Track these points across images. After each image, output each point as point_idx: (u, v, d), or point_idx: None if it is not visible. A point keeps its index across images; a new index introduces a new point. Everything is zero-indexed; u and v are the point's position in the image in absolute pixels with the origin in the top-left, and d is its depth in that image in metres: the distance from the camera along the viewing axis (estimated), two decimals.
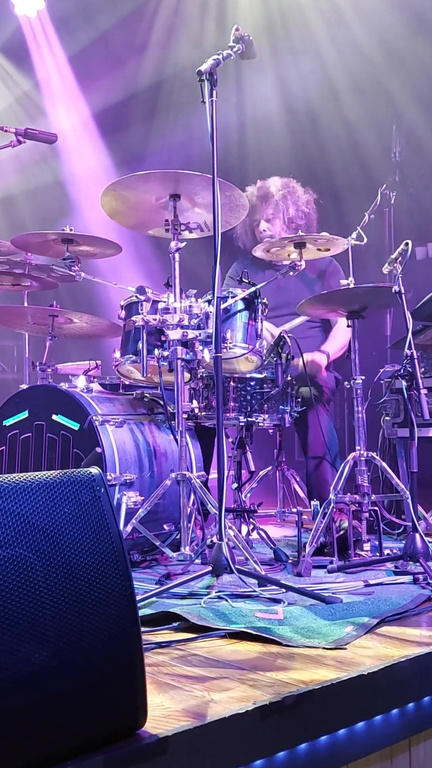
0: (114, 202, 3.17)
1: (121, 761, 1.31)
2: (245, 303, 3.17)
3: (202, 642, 2.03)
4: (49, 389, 3.47)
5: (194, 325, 3.03)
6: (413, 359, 2.84)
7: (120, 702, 1.35)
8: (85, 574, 1.35)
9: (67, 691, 1.28)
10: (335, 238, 3.22)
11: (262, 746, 1.49)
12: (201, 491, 2.92)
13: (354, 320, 3.30)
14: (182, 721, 1.42)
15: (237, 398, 3.30)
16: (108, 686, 1.34)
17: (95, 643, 1.34)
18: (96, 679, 1.33)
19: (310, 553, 2.96)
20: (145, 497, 3.10)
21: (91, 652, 1.33)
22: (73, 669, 1.30)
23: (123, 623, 1.37)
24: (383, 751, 1.72)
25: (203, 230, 3.27)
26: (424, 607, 2.34)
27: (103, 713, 1.33)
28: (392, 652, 1.87)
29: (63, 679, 1.28)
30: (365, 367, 3.36)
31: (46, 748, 1.25)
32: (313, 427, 3.72)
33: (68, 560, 1.34)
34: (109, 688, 1.34)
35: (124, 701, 1.36)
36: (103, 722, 1.33)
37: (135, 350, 3.15)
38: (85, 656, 1.32)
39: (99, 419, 3.16)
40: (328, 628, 2.09)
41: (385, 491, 3.50)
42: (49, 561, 1.32)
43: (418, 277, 3.81)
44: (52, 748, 1.26)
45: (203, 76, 2.63)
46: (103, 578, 1.37)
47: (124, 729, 1.36)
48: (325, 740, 1.58)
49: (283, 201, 4.22)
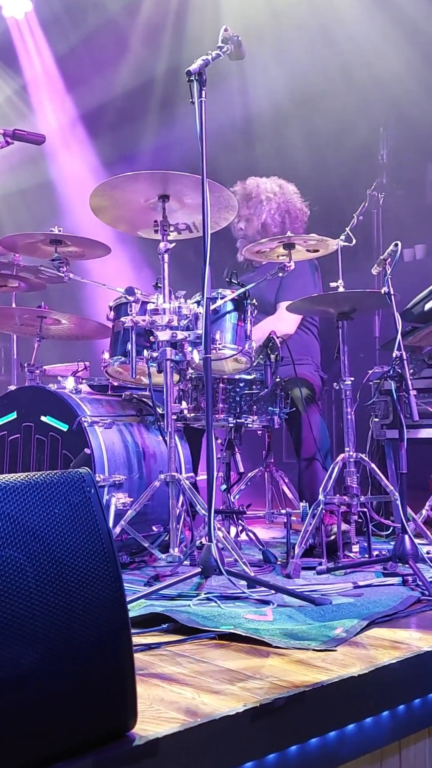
0: (102, 202, 3.16)
1: (110, 763, 1.30)
2: (234, 304, 3.17)
3: (192, 644, 2.02)
4: (37, 390, 3.46)
5: (183, 326, 3.02)
6: (402, 360, 2.85)
7: (110, 703, 1.35)
8: (75, 575, 1.35)
9: (56, 693, 1.27)
10: (324, 239, 3.22)
11: (252, 748, 1.49)
12: (190, 492, 2.91)
13: (343, 321, 3.30)
14: (172, 723, 1.42)
15: (226, 399, 3.30)
16: (98, 688, 1.33)
17: (85, 645, 1.33)
18: (86, 680, 1.32)
19: (299, 554, 2.96)
20: (133, 498, 3.09)
21: (81, 653, 1.32)
22: (63, 670, 1.29)
23: (113, 625, 1.36)
24: (374, 753, 1.71)
25: (192, 231, 3.27)
26: (414, 609, 2.34)
27: (93, 715, 1.32)
28: (382, 654, 1.86)
29: (53, 680, 1.27)
30: (354, 369, 3.37)
31: (35, 749, 1.24)
32: (305, 426, 3.72)
33: (58, 561, 1.33)
34: (99, 689, 1.33)
35: (114, 703, 1.35)
36: (92, 724, 1.32)
37: (124, 351, 3.14)
38: (75, 658, 1.31)
39: (88, 420, 3.15)
40: (318, 630, 2.08)
41: (374, 493, 3.50)
42: (39, 562, 1.31)
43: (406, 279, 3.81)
44: (42, 749, 1.25)
45: (192, 76, 2.62)
46: (93, 579, 1.36)
47: (113, 731, 1.35)
48: (315, 742, 1.57)
49: (267, 203, 4.20)
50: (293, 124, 6.20)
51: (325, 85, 5.94)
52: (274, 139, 6.33)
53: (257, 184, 4.25)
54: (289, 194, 4.26)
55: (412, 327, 3.40)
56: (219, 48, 2.77)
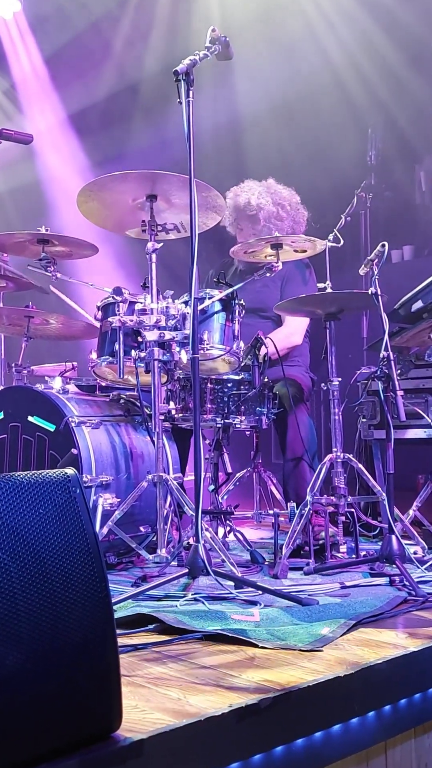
0: (90, 202, 3.15)
1: (96, 764, 1.30)
2: (222, 304, 3.17)
3: (178, 644, 2.02)
4: (24, 390, 3.44)
5: (171, 327, 3.01)
6: (389, 361, 2.86)
7: (95, 704, 1.34)
8: (60, 575, 1.34)
9: (41, 694, 1.27)
10: (312, 239, 3.22)
11: (238, 749, 1.48)
12: (178, 493, 2.91)
13: (330, 322, 3.31)
14: (158, 724, 1.41)
15: (214, 400, 3.29)
16: (83, 688, 1.32)
17: (70, 646, 1.32)
18: (71, 681, 1.31)
19: (286, 555, 2.96)
20: (121, 499, 3.08)
21: (66, 654, 1.31)
22: (48, 671, 1.28)
23: (98, 625, 1.36)
24: (360, 753, 1.71)
25: (180, 231, 3.27)
26: (400, 609, 2.35)
27: (78, 716, 1.32)
28: (368, 654, 1.87)
29: (37, 681, 1.27)
30: (342, 369, 3.37)
31: (20, 751, 1.24)
32: (291, 427, 3.71)
33: (43, 562, 1.33)
34: (84, 690, 1.33)
35: (99, 703, 1.35)
36: (78, 725, 1.31)
37: (112, 351, 3.13)
38: (60, 658, 1.30)
39: (75, 420, 3.14)
40: (305, 630, 2.08)
41: (362, 493, 3.51)
42: (24, 562, 1.30)
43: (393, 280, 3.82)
44: (26, 751, 1.25)
45: (179, 76, 2.62)
46: (79, 580, 1.36)
47: (99, 731, 1.35)
48: (301, 743, 1.57)
49: (263, 219, 4.18)
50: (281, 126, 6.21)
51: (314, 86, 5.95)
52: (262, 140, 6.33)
53: (250, 198, 4.17)
54: (293, 208, 4.22)
55: (400, 328, 3.41)
56: (207, 48, 2.76)
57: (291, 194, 4.26)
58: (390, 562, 2.73)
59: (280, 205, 4.17)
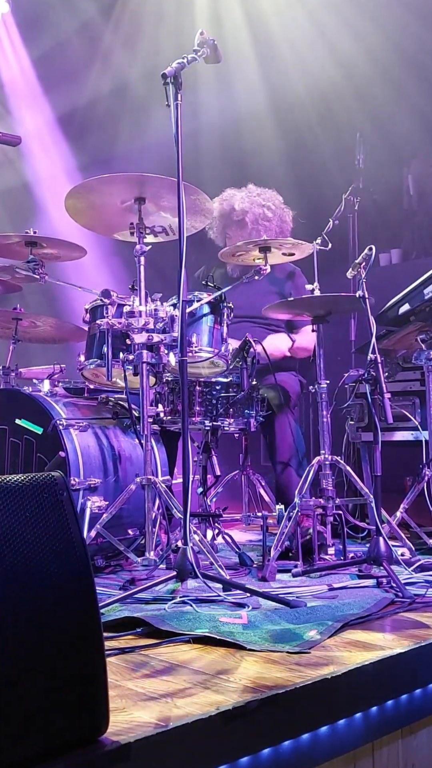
0: (78, 204, 3.15)
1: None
2: (211, 307, 3.17)
3: (166, 647, 2.02)
4: (12, 393, 3.43)
5: (159, 329, 3.01)
6: (377, 363, 2.86)
7: (81, 708, 1.34)
8: (46, 579, 1.34)
9: (27, 697, 1.26)
10: (300, 242, 3.23)
11: (225, 751, 1.48)
12: (166, 496, 2.91)
13: (319, 325, 3.32)
14: (145, 728, 1.41)
15: (202, 402, 3.30)
16: (69, 692, 1.32)
17: (56, 649, 1.32)
18: (56, 685, 1.31)
19: (274, 557, 2.96)
20: (109, 502, 3.08)
21: (51, 657, 1.31)
22: (34, 675, 1.28)
23: (85, 629, 1.36)
24: (347, 755, 1.72)
25: (168, 234, 3.27)
26: (388, 611, 2.35)
27: (64, 720, 1.31)
28: (356, 656, 1.87)
29: (23, 685, 1.26)
30: (330, 372, 3.38)
31: (5, 755, 1.23)
32: (279, 431, 3.72)
33: (28, 565, 1.32)
34: (70, 694, 1.32)
35: (86, 707, 1.34)
36: (63, 729, 1.31)
37: (100, 354, 3.12)
38: (45, 662, 1.30)
39: (63, 423, 3.13)
40: (292, 632, 2.09)
41: (350, 495, 3.52)
42: (9, 566, 1.30)
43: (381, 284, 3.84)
44: (11, 755, 1.24)
45: (168, 79, 2.62)
46: (65, 583, 1.36)
47: (85, 736, 1.34)
48: (288, 745, 1.58)
49: (250, 222, 4.19)
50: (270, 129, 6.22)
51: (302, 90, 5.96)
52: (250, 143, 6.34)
53: (234, 204, 4.19)
54: (278, 207, 4.24)
55: (387, 330, 3.43)
56: (195, 51, 2.77)
57: (273, 194, 4.29)
58: (377, 563, 2.73)
59: (265, 206, 4.19)
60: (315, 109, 6.01)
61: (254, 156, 6.23)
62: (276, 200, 4.27)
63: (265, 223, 4.16)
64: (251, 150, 6.31)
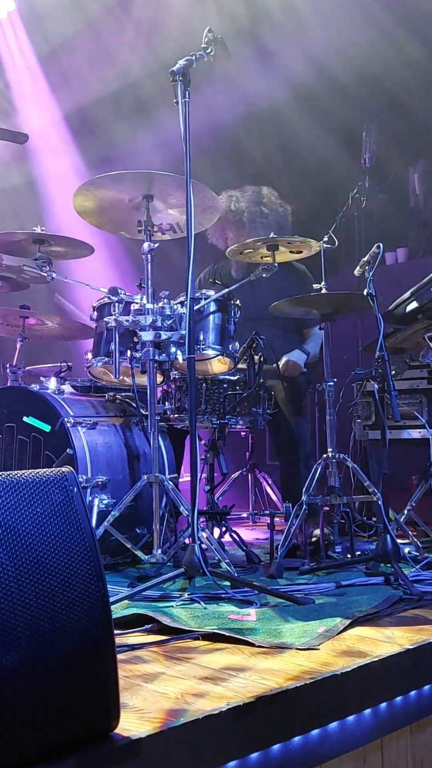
0: (86, 202, 3.16)
1: (93, 763, 1.30)
2: (218, 305, 3.17)
3: (175, 644, 2.02)
4: (20, 391, 3.44)
5: (167, 327, 3.02)
6: (384, 361, 2.86)
7: (92, 704, 1.34)
8: (58, 575, 1.34)
9: (38, 694, 1.27)
10: (307, 240, 3.23)
11: (235, 747, 1.49)
12: (173, 493, 2.91)
13: (326, 323, 3.32)
14: (155, 723, 1.41)
15: (210, 400, 3.30)
16: (80, 688, 1.32)
17: (67, 645, 1.32)
18: (68, 681, 1.31)
19: (282, 554, 2.97)
20: (117, 499, 3.08)
21: (63, 653, 1.31)
22: (45, 671, 1.28)
23: (96, 625, 1.36)
24: (356, 751, 1.72)
25: (176, 231, 3.27)
26: (396, 608, 2.35)
27: (75, 716, 1.31)
28: (364, 653, 1.87)
29: (35, 681, 1.26)
30: (337, 370, 3.38)
31: (16, 751, 1.24)
32: (286, 429, 3.72)
33: (40, 561, 1.32)
34: (82, 690, 1.32)
35: (97, 703, 1.35)
36: (75, 725, 1.31)
37: (107, 352, 3.13)
38: (57, 658, 1.30)
39: (71, 421, 3.14)
40: (301, 629, 2.09)
41: (357, 493, 3.52)
42: (21, 562, 1.30)
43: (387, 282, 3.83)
44: (23, 751, 1.24)
45: (176, 76, 2.63)
46: (76, 579, 1.36)
47: (96, 731, 1.35)
48: (298, 741, 1.58)
49: (248, 222, 4.19)
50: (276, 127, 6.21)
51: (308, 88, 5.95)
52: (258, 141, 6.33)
53: (231, 204, 4.19)
54: (269, 206, 4.24)
55: (394, 328, 3.42)
56: (203, 49, 2.77)
57: (269, 191, 4.29)
58: (385, 561, 2.73)
59: (261, 203, 4.20)
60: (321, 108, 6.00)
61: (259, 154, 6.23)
62: (272, 196, 4.27)
63: (262, 220, 4.16)
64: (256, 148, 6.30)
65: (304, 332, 4.14)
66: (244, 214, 4.18)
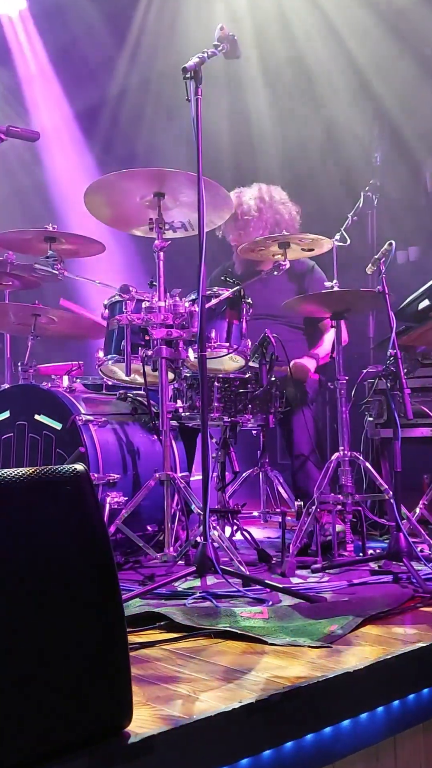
0: (98, 200, 3.16)
1: (106, 761, 1.30)
2: (230, 302, 3.16)
3: (187, 642, 2.02)
4: (31, 389, 3.44)
5: (178, 325, 3.01)
6: (397, 359, 2.85)
7: (105, 702, 1.34)
8: (70, 572, 1.34)
9: (51, 691, 1.27)
10: (319, 238, 3.22)
11: (248, 745, 1.48)
12: (185, 492, 2.91)
13: (338, 321, 3.31)
14: (168, 721, 1.41)
15: (221, 398, 3.29)
16: (92, 686, 1.32)
17: (80, 643, 1.32)
18: (81, 678, 1.31)
19: (293, 553, 2.96)
20: (128, 498, 3.08)
21: (75, 651, 1.31)
22: (59, 669, 1.28)
23: (108, 622, 1.36)
24: (369, 749, 1.71)
25: (187, 229, 3.27)
26: (408, 606, 2.35)
27: (88, 713, 1.31)
28: (377, 650, 1.87)
29: (47, 679, 1.27)
30: (348, 368, 3.37)
31: (30, 748, 1.24)
32: (297, 427, 3.72)
33: (52, 557, 1.32)
34: (94, 688, 1.32)
35: (109, 701, 1.35)
36: (87, 722, 1.31)
37: (118, 350, 3.13)
38: (69, 656, 1.30)
39: (82, 419, 3.14)
40: (313, 627, 2.08)
41: (369, 491, 3.51)
42: (35, 559, 1.30)
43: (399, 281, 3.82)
44: (36, 748, 1.24)
45: (188, 73, 2.62)
46: (89, 577, 1.36)
47: (109, 729, 1.34)
48: (311, 738, 1.57)
49: (254, 223, 4.17)
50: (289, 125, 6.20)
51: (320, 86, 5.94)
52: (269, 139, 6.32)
53: (241, 202, 4.18)
54: (276, 205, 4.22)
55: (406, 326, 3.41)
56: (215, 46, 2.77)
57: (278, 190, 4.27)
58: (397, 559, 2.72)
59: (271, 202, 4.18)
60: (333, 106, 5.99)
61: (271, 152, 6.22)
62: (282, 195, 4.26)
63: (275, 217, 4.16)
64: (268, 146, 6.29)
65: (319, 326, 4.10)
66: (253, 211, 4.17)
